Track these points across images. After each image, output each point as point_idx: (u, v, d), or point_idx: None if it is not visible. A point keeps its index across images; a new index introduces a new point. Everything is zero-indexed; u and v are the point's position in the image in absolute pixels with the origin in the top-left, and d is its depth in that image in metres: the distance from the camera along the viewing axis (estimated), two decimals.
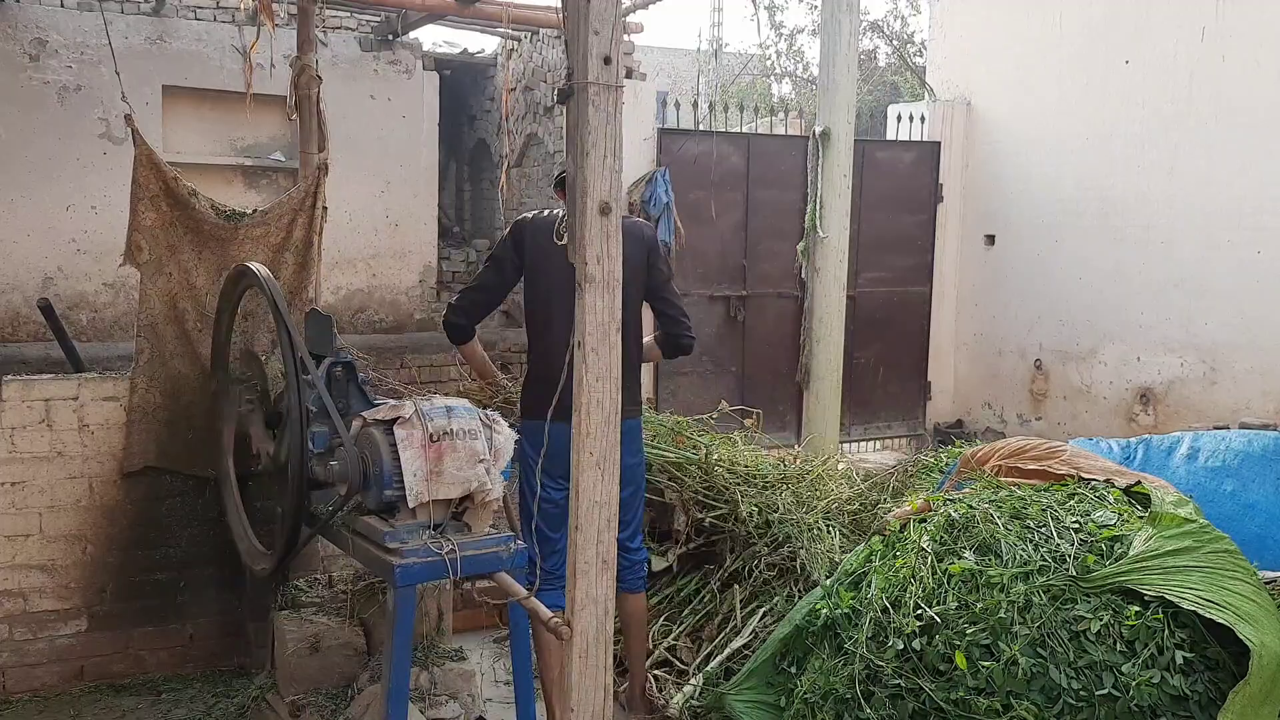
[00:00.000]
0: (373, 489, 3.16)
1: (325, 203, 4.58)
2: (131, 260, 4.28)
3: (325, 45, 8.12)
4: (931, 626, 3.08)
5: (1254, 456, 3.96)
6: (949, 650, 3.01)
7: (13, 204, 7.45)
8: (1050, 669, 2.90)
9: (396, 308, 8.90)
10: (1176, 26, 7.72)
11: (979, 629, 3.00)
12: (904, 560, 3.34)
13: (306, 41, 4.63)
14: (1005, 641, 2.95)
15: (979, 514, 3.36)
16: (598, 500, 2.42)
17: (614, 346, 2.38)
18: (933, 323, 9.43)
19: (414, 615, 3.16)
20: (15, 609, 4.17)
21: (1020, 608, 3.00)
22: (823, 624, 3.47)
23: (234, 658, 4.50)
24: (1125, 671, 2.86)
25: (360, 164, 8.26)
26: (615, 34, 2.28)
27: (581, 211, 2.31)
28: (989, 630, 2.99)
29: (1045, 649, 2.93)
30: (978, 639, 2.99)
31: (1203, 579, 2.99)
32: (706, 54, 22.50)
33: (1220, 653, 2.93)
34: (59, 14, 7.49)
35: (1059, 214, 8.62)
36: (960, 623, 3.04)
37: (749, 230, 8.38)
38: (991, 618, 3.00)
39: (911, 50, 16.84)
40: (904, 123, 9.34)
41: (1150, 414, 8.00)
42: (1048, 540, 3.21)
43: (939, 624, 3.06)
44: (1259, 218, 7.32)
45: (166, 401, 4.33)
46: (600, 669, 2.48)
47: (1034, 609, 2.99)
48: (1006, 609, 3.00)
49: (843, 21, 7.28)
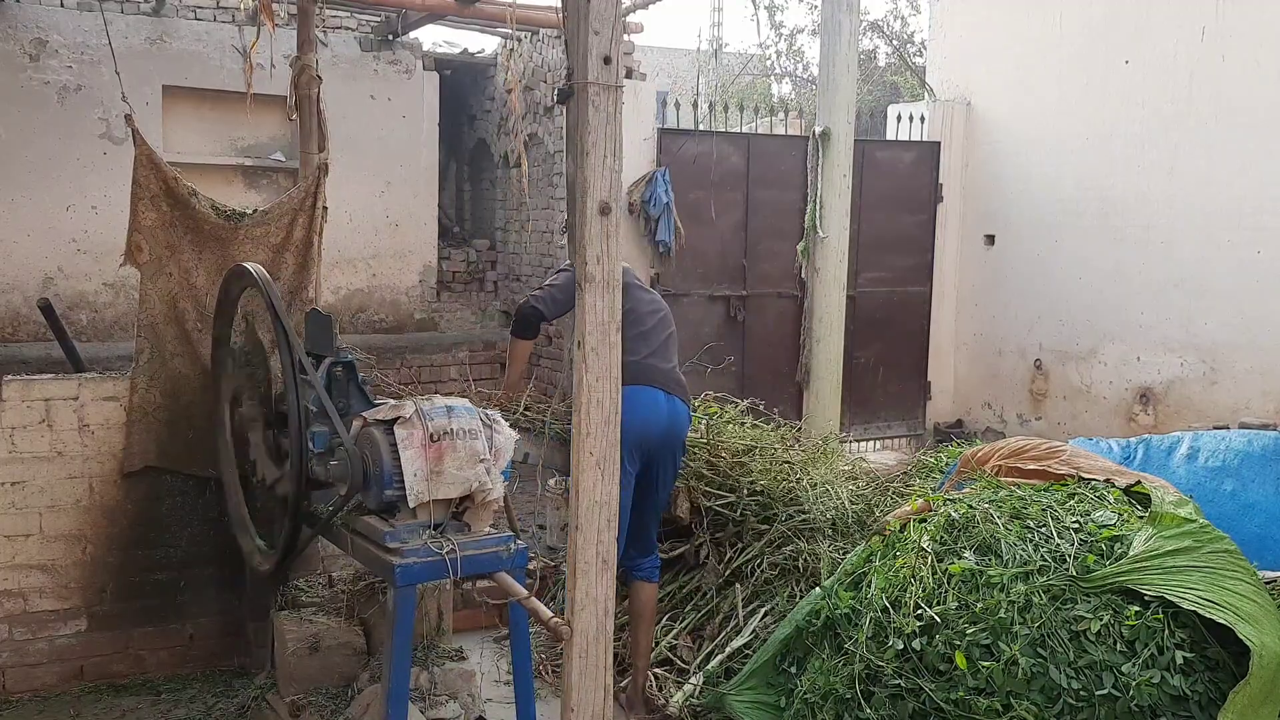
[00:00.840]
0: (373, 489, 3.15)
1: (325, 203, 4.58)
2: (131, 260, 4.28)
3: (325, 45, 8.12)
4: (932, 626, 3.08)
5: (1254, 456, 3.97)
6: (949, 650, 3.01)
7: (13, 204, 7.45)
8: (1050, 669, 2.90)
9: (396, 308, 8.90)
10: (1176, 26, 7.72)
11: (979, 629, 3.00)
12: (904, 560, 3.34)
13: (306, 41, 4.63)
14: (1005, 641, 2.95)
15: (979, 514, 3.36)
16: (598, 500, 2.43)
17: (614, 346, 2.38)
18: (933, 323, 9.43)
19: (414, 615, 3.16)
20: (15, 609, 4.17)
21: (1020, 608, 3.01)
22: (823, 624, 3.47)
23: (234, 658, 4.50)
24: (1125, 671, 2.86)
25: (360, 164, 8.26)
26: (615, 34, 2.28)
27: (581, 211, 2.32)
28: (989, 630, 2.99)
29: (1045, 649, 2.94)
30: (978, 639, 2.99)
31: (1203, 579, 2.99)
32: (706, 54, 22.50)
33: (1220, 653, 2.93)
34: (59, 14, 7.49)
35: (1059, 214, 8.62)
36: (960, 623, 3.04)
37: (749, 230, 8.38)
38: (992, 618, 3.01)
39: (911, 50, 16.84)
40: (904, 123, 9.34)
41: (1150, 414, 8.00)
42: (1048, 540, 3.21)
43: (939, 624, 3.06)
44: (1259, 218, 7.32)
45: (166, 401, 4.33)
46: (600, 669, 2.49)
47: (1034, 609, 2.99)
48: (1006, 609, 3.00)
49: (843, 21, 7.28)
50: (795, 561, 4.31)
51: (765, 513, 4.49)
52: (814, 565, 4.22)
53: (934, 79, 9.87)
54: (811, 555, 4.26)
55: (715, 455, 4.60)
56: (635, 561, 4.03)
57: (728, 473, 4.58)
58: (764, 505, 4.49)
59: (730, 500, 4.52)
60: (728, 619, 4.32)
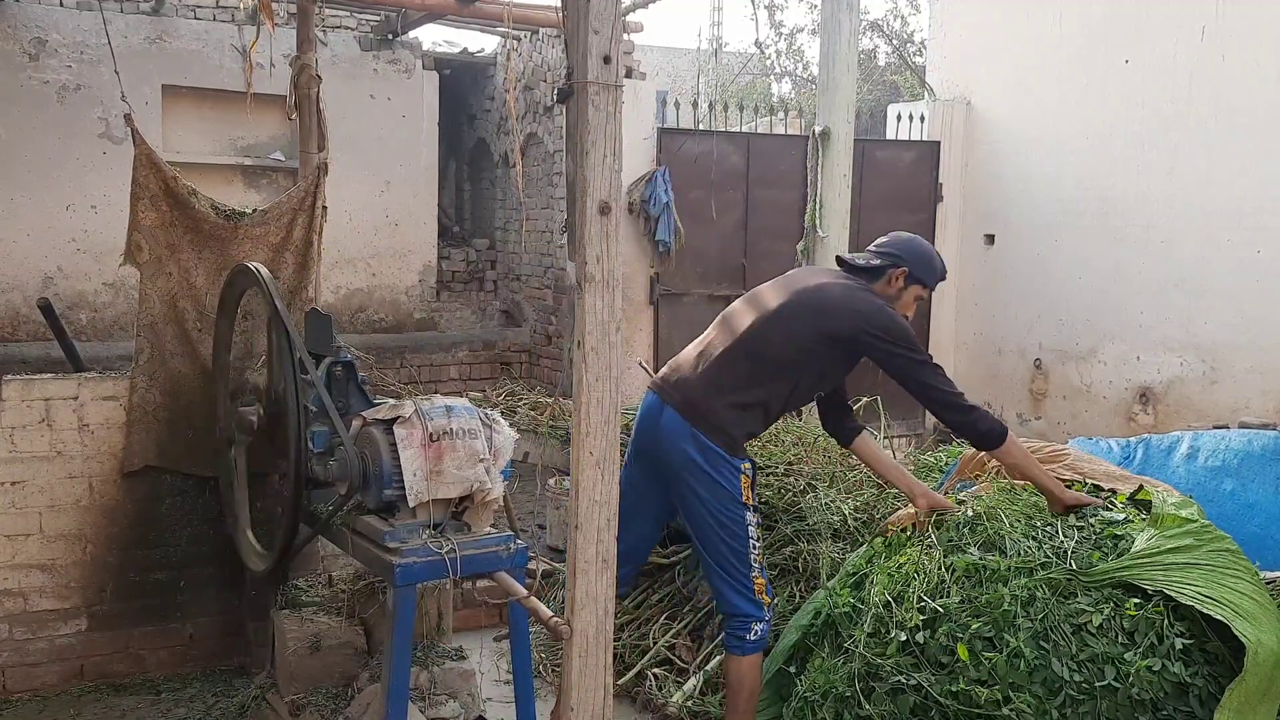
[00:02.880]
0: (372, 488, 3.15)
1: (325, 202, 4.57)
2: (131, 260, 4.28)
3: (325, 45, 8.12)
4: (935, 620, 3.09)
5: (1254, 456, 3.97)
6: (951, 643, 3.02)
7: (13, 204, 7.45)
8: (1053, 661, 2.91)
9: (396, 307, 8.90)
10: (1176, 26, 7.72)
11: (982, 622, 3.01)
12: (908, 555, 3.35)
13: (306, 41, 4.62)
14: (1009, 634, 2.96)
15: (985, 512, 3.38)
16: (597, 499, 2.43)
17: (614, 346, 2.38)
18: (932, 322, 9.43)
19: (414, 615, 3.15)
20: (15, 608, 4.17)
21: (1023, 601, 3.02)
22: (823, 623, 3.48)
23: (234, 657, 4.50)
24: (1125, 660, 2.87)
25: (360, 164, 8.26)
26: (615, 33, 2.28)
27: (581, 211, 2.32)
28: (992, 623, 3.01)
29: (1048, 642, 2.95)
30: (981, 632, 3.00)
31: (1203, 576, 3.00)
32: (706, 54, 22.49)
33: (1220, 647, 2.94)
34: (59, 13, 7.49)
35: (1059, 214, 8.62)
36: (964, 615, 3.05)
37: (749, 230, 8.39)
38: (995, 611, 3.02)
39: (911, 50, 16.83)
40: (904, 122, 9.35)
41: (1150, 413, 8.00)
42: (1051, 538, 3.23)
43: (943, 615, 3.07)
44: (1259, 218, 7.32)
45: (166, 401, 4.33)
46: (600, 669, 2.49)
47: (1037, 603, 3.01)
48: (1010, 602, 3.02)
49: (843, 21, 7.28)
50: (795, 562, 4.32)
51: (768, 521, 4.50)
52: (814, 565, 4.21)
53: (934, 79, 9.88)
54: (811, 555, 4.26)
55: None
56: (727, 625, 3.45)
57: None
58: (766, 514, 4.49)
59: None
60: None
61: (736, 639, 3.38)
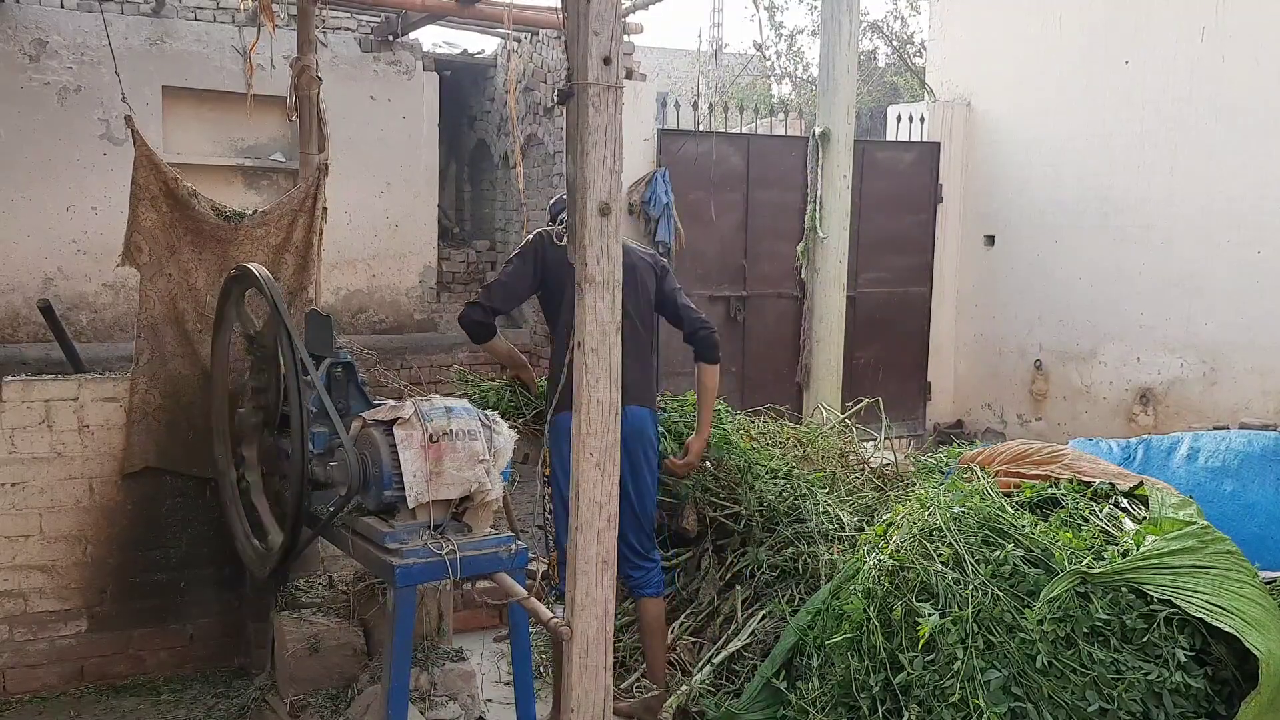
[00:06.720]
0: (372, 489, 3.15)
1: (325, 203, 4.57)
2: (131, 261, 4.28)
3: (325, 46, 8.12)
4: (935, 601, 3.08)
5: (1254, 457, 3.97)
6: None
7: (13, 205, 7.45)
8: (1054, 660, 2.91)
9: (396, 308, 8.90)
10: (1176, 26, 7.72)
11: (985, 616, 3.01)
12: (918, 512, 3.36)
13: (306, 42, 4.62)
14: (1019, 623, 2.96)
15: (992, 506, 3.37)
16: (598, 500, 2.42)
17: (614, 346, 2.38)
18: (932, 323, 9.43)
19: (414, 615, 3.15)
20: (15, 609, 4.17)
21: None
22: (823, 623, 3.47)
23: (234, 658, 4.50)
24: (1127, 661, 2.87)
25: (360, 165, 8.26)
26: (615, 34, 2.28)
27: (581, 212, 2.31)
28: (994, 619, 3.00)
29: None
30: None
31: (1209, 581, 2.98)
32: (706, 54, 22.50)
33: (1222, 650, 2.93)
34: (59, 14, 7.48)
35: (1059, 214, 8.62)
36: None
37: (749, 230, 8.38)
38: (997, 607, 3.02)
39: (911, 50, 16.83)
40: (904, 123, 9.34)
41: (1150, 414, 8.00)
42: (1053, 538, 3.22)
43: (943, 603, 3.07)
44: (1259, 218, 7.32)
45: (166, 402, 4.33)
46: (600, 669, 2.48)
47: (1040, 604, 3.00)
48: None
49: (843, 22, 7.28)
50: (795, 563, 4.31)
51: (768, 524, 4.50)
52: (813, 566, 4.21)
53: (934, 79, 9.88)
54: (811, 556, 4.25)
55: (719, 469, 4.60)
56: (626, 573, 3.90)
57: (733, 486, 4.57)
58: (768, 517, 4.49)
59: (735, 511, 4.52)
60: (728, 621, 4.31)
61: (656, 584, 3.96)
